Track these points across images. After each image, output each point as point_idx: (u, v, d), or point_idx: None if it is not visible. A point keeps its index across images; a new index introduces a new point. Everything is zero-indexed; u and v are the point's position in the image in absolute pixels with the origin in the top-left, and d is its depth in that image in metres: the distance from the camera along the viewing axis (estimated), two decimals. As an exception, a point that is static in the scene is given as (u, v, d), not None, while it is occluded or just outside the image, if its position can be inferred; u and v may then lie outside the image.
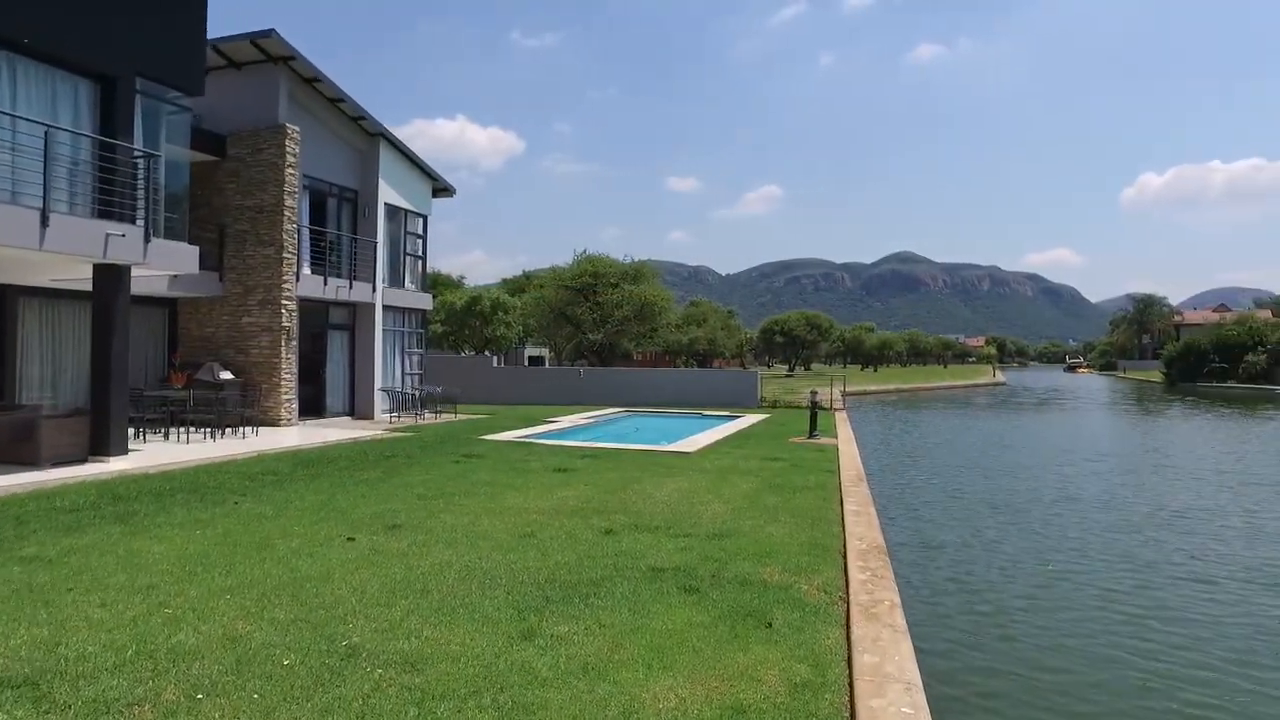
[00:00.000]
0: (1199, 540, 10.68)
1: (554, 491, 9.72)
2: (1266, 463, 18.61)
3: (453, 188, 23.41)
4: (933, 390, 56.25)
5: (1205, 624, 7.58)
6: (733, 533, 7.59)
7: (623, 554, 6.74)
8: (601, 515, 8.36)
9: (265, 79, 16.54)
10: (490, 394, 27.82)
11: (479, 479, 10.55)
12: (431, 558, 6.46)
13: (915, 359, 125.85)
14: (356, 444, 14.23)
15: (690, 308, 76.80)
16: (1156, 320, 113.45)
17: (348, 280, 18.95)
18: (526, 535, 7.37)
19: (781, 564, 6.53)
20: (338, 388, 19.80)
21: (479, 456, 12.81)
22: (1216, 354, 60.08)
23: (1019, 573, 9.11)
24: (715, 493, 9.75)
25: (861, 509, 8.90)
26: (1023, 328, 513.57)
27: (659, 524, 7.95)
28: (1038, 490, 14.24)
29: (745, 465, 12.23)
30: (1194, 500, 13.49)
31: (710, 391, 27.79)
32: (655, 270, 39.83)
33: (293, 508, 8.31)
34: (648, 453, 13.68)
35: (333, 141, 18.96)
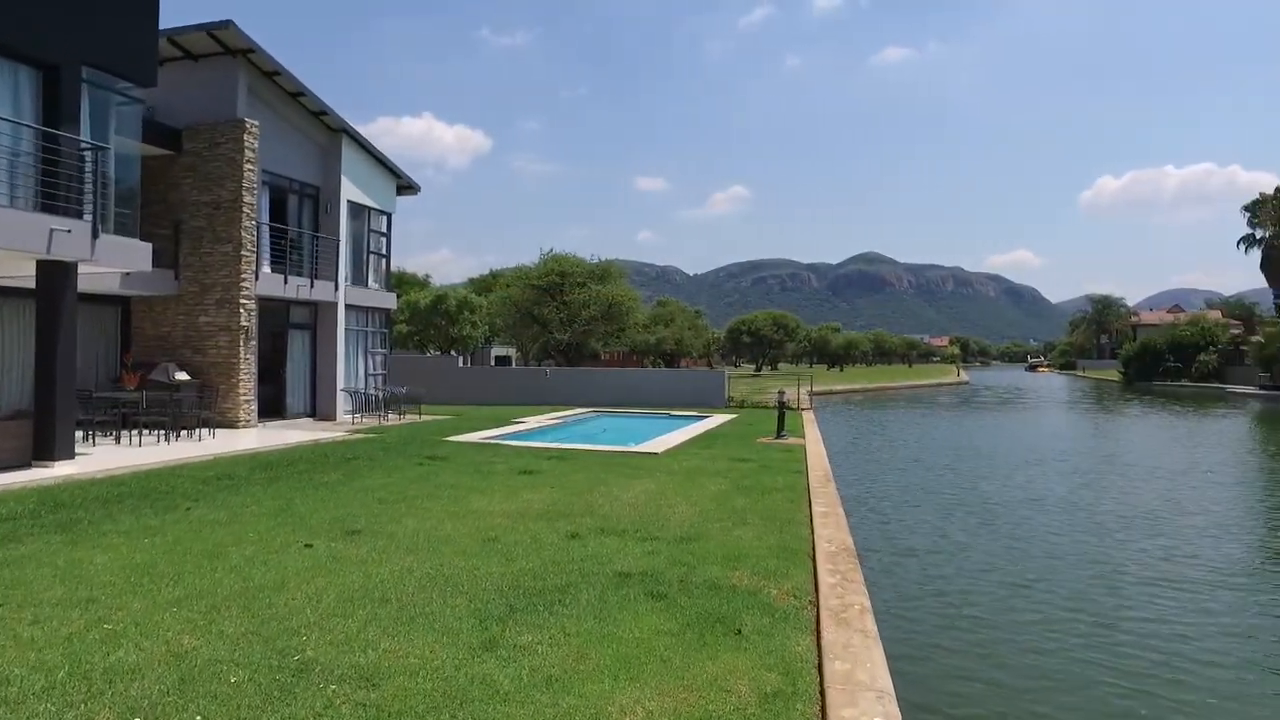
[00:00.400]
0: (1165, 541, 10.80)
1: (519, 494, 9.55)
2: (1226, 461, 18.99)
3: (417, 185, 23.06)
4: (898, 390, 56.81)
5: (1177, 627, 7.63)
6: (701, 536, 7.48)
7: (589, 559, 6.60)
8: (567, 519, 8.21)
9: (223, 72, 16.10)
10: (456, 394, 27.48)
11: (442, 482, 10.33)
12: (392, 564, 6.26)
13: (881, 359, 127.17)
14: (317, 446, 13.90)
15: (658, 308, 76.79)
16: (1114, 321, 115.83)
17: (309, 279, 18.55)
18: (490, 540, 7.19)
19: (750, 568, 6.43)
20: (299, 388, 19.38)
21: (443, 458, 12.57)
22: (1171, 354, 61.46)
23: (989, 574, 9.11)
24: (683, 495, 9.64)
25: (830, 510, 8.85)
26: (985, 328, 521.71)
27: (626, 527, 7.82)
28: (1004, 491, 14.32)
29: (713, 466, 12.14)
30: (1156, 501, 13.66)
31: (678, 391, 27.72)
32: (622, 270, 39.68)
33: (248, 513, 8.03)
34: (615, 454, 13.54)
35: (294, 136, 18.55)
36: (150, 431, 13.99)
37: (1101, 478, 15.55)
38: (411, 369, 27.89)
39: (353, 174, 20.13)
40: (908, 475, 15.93)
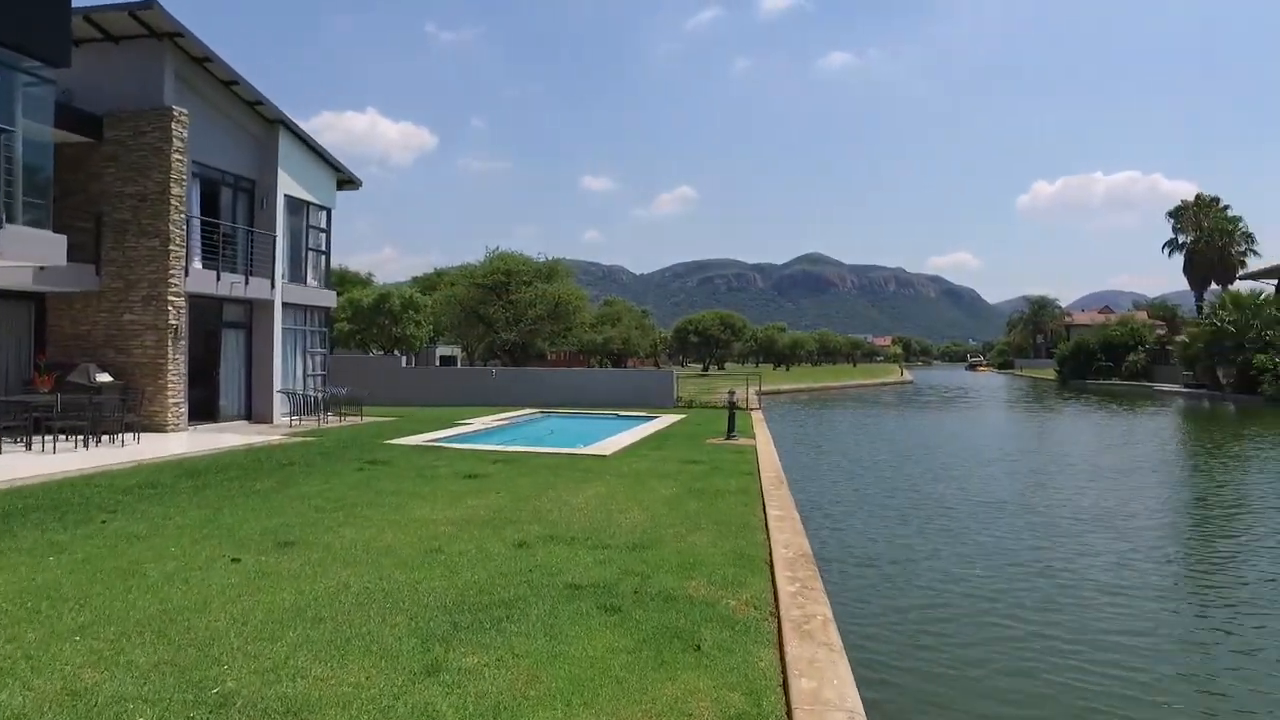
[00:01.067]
0: (1124, 544, 10.87)
1: (464, 500, 9.17)
2: (1159, 459, 19.47)
3: (358, 180, 22.36)
4: (844, 389, 57.48)
5: (1133, 635, 7.62)
6: (654, 543, 7.23)
7: (538, 569, 6.28)
8: (514, 526, 7.88)
9: (148, 56, 15.27)
10: (399, 395, 26.78)
11: (383, 488, 9.88)
12: (327, 579, 5.86)
13: (826, 358, 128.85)
14: (251, 450, 13.27)
15: (605, 307, 76.49)
16: (1049, 321, 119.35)
17: (244, 275, 17.78)
18: (433, 551, 6.82)
19: (707, 576, 6.19)
20: (233, 390, 18.58)
21: (384, 463, 12.08)
22: (1103, 353, 63.44)
23: (949, 577, 8.94)
24: (634, 499, 9.37)
25: (785, 513, 8.67)
26: (926, 328, 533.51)
27: (576, 534, 7.52)
28: (959, 490, 14.29)
29: (664, 468, 11.90)
30: (1110, 502, 13.82)
31: (626, 391, 27.46)
32: (570, 268, 39.25)
33: (171, 525, 7.50)
34: (563, 456, 13.21)
35: (227, 127, 17.75)
36: (66, 437, 13.17)
37: (1052, 478, 15.65)
38: (353, 369, 27.11)
39: (290, 167, 19.38)
40: (860, 477, 15.90)
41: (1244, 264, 57.62)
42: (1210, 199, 61.34)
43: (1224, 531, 11.57)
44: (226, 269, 17.35)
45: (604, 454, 13.38)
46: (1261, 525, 11.75)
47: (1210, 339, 43.03)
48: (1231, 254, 57.58)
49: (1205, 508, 13.48)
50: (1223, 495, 14.38)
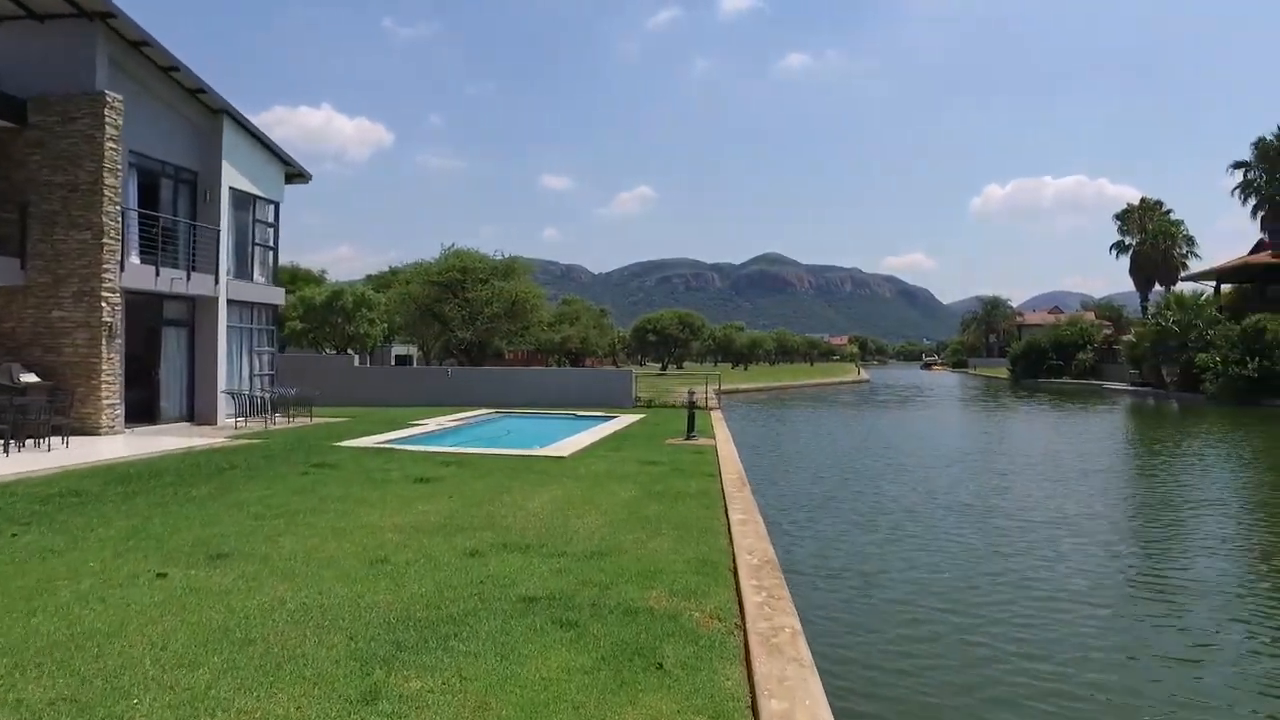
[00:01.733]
0: (1090, 548, 10.82)
1: (414, 506, 8.76)
2: (1120, 458, 19.70)
3: (308, 173, 21.66)
4: (802, 388, 57.76)
5: (1110, 648, 7.50)
6: (613, 550, 6.91)
7: (489, 580, 5.93)
8: (466, 533, 7.50)
9: (78, 37, 14.48)
10: (352, 395, 26.07)
11: (329, 493, 9.42)
12: (261, 595, 5.44)
13: (783, 357, 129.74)
14: (190, 454, 12.65)
15: (563, 306, 75.96)
16: (1001, 321, 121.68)
17: (185, 271, 17.04)
18: (379, 561, 6.43)
19: (668, 586, 5.90)
20: (174, 390, 17.82)
21: (331, 466, 11.58)
22: (1054, 352, 64.73)
23: (918, 585, 8.62)
24: (592, 503, 9.05)
25: (748, 516, 8.42)
26: (882, 327, 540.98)
27: (531, 542, 7.18)
28: (922, 490, 14.15)
29: (623, 470, 11.59)
30: (1073, 506, 13.80)
31: (584, 391, 27.10)
32: (528, 266, 38.70)
33: (93, 537, 6.98)
34: (519, 458, 12.83)
35: (167, 116, 16.99)
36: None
37: (1016, 479, 15.57)
38: (304, 369, 26.35)
39: (236, 159, 18.65)
40: (823, 478, 15.73)
41: (1185, 266, 59.20)
42: (1154, 203, 62.94)
43: (1193, 535, 11.62)
44: (167, 264, 16.61)
45: (561, 455, 13.03)
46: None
47: (1155, 339, 44.07)
48: (1174, 256, 59.13)
49: (1170, 509, 13.57)
50: (1186, 495, 14.52)
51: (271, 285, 20.61)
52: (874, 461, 17.62)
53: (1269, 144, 44.13)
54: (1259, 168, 44.64)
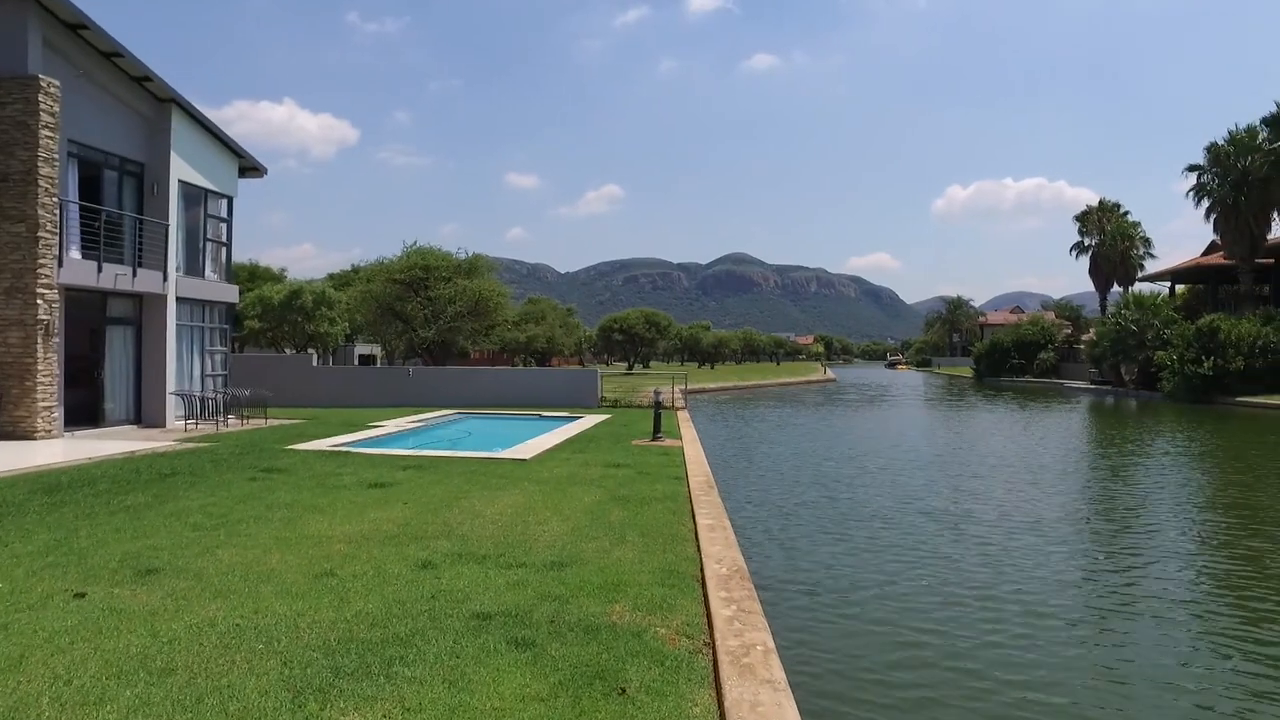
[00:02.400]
0: (1076, 558, 10.64)
1: (366, 513, 8.33)
2: (1079, 461, 19.74)
3: (263, 167, 20.97)
4: (769, 387, 57.79)
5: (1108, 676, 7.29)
6: (574, 560, 6.56)
7: (441, 595, 5.55)
8: (420, 542, 7.11)
9: (7, 18, 13.72)
10: (312, 396, 25.37)
11: (276, 500, 8.94)
12: (190, 615, 5.00)
13: (750, 356, 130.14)
14: (132, 459, 12.04)
15: (528, 305, 75.30)
16: (964, 320, 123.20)
17: (131, 267, 16.34)
18: (324, 574, 6.01)
19: (632, 599, 5.56)
20: (120, 392, 17.09)
21: (282, 471, 11.07)
22: (1016, 351, 65.54)
23: (894, 591, 8.22)
24: (554, 508, 8.68)
25: (716, 522, 8.11)
26: (847, 327, 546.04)
27: (488, 551, 6.80)
28: (896, 495, 13.52)
29: (587, 473, 11.24)
30: (1052, 511, 13.64)
31: (549, 391, 26.66)
32: (491, 264, 38.11)
33: (6, 553, 6.45)
34: (479, 461, 12.41)
35: (109, 104, 16.26)
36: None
37: (989, 483, 15.21)
38: (261, 369, 25.61)
39: (185, 151, 17.95)
40: (792, 481, 15.48)
41: (1142, 266, 60.23)
42: (1112, 204, 63.91)
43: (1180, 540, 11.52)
44: (112, 259, 15.90)
45: (523, 458, 12.63)
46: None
47: (1115, 338, 44.70)
48: (1132, 257, 60.10)
49: (1148, 510, 13.51)
50: (1163, 497, 14.50)
51: (224, 282, 19.91)
52: (845, 464, 17.42)
53: (1221, 148, 44.93)
54: (1212, 171, 45.42)
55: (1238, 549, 9.93)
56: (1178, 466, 17.55)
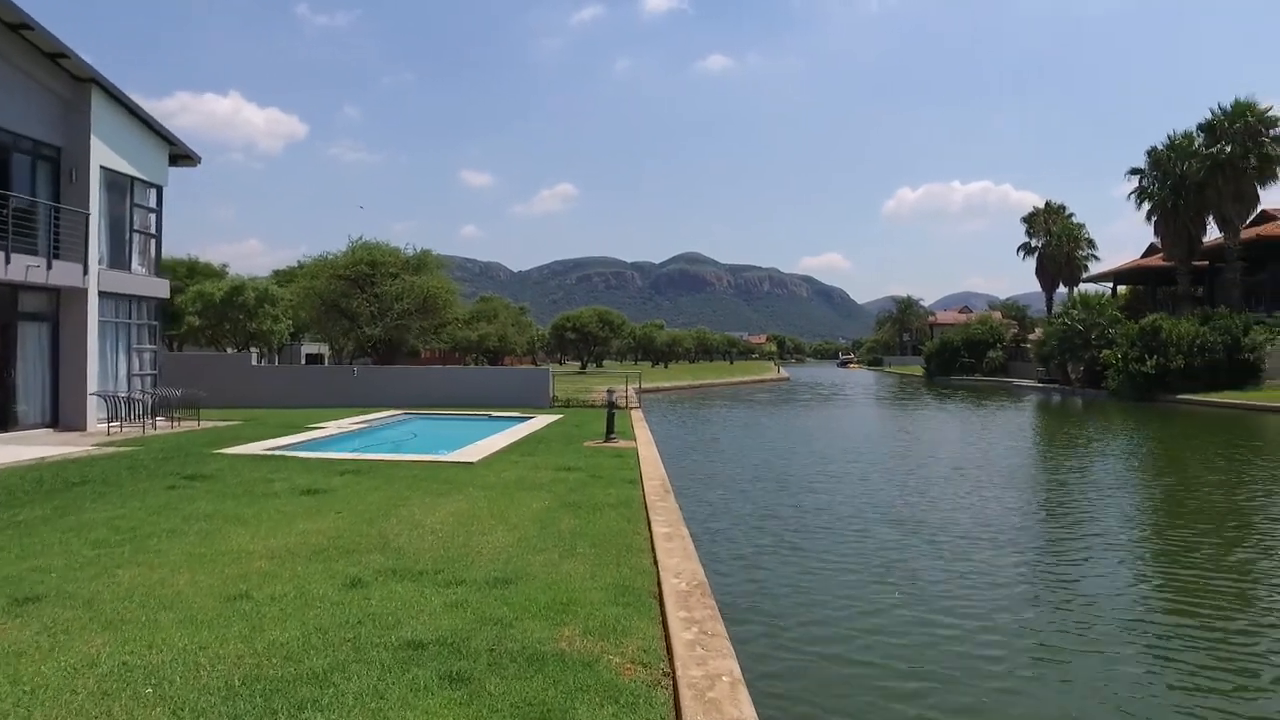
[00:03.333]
0: (1050, 569, 10.34)
1: (294, 523, 7.64)
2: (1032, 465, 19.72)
3: (196, 155, 19.88)
4: (723, 386, 57.62)
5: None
6: (520, 575, 5.99)
7: (370, 619, 4.95)
8: (351, 556, 6.47)
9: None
10: (252, 397, 24.27)
11: (196, 511, 8.19)
12: (68, 654, 4.32)
13: (703, 355, 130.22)
14: (38, 467, 11.10)
15: (480, 304, 74.07)
16: (914, 320, 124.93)
17: (45, 258, 15.24)
18: (238, 597, 5.36)
19: (583, 621, 5.02)
20: (34, 393, 15.97)
21: (207, 478, 10.27)
22: (966, 350, 66.44)
23: (865, 608, 7.65)
24: (500, 516, 8.09)
25: (673, 530, 7.60)
26: (799, 326, 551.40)
27: (425, 566, 6.20)
28: (860, 507, 12.64)
29: (537, 477, 10.65)
30: (1017, 518, 13.37)
31: (500, 390, 25.92)
32: (440, 260, 37.11)
33: None
34: (423, 464, 11.73)
35: (19, 82, 15.14)
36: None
37: (954, 489, 14.51)
38: (198, 368, 24.45)
39: (108, 135, 16.86)
40: (750, 483, 15.02)
41: (1087, 267, 61.50)
42: (1058, 206, 65.19)
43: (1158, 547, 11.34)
44: (22, 250, 14.80)
45: (470, 461, 11.99)
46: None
47: (1063, 337, 45.43)
48: (1077, 257, 61.29)
49: (1114, 518, 13.35)
50: (1130, 502, 14.40)
51: (153, 276, 18.80)
52: (804, 465, 17.05)
53: (1161, 153, 45.98)
54: (1152, 175, 46.47)
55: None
56: (1162, 469, 17.60)
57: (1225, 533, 10.67)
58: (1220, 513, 11.95)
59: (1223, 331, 36.07)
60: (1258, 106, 41.89)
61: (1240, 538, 10.40)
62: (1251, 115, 41.81)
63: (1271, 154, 41.44)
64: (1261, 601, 7.94)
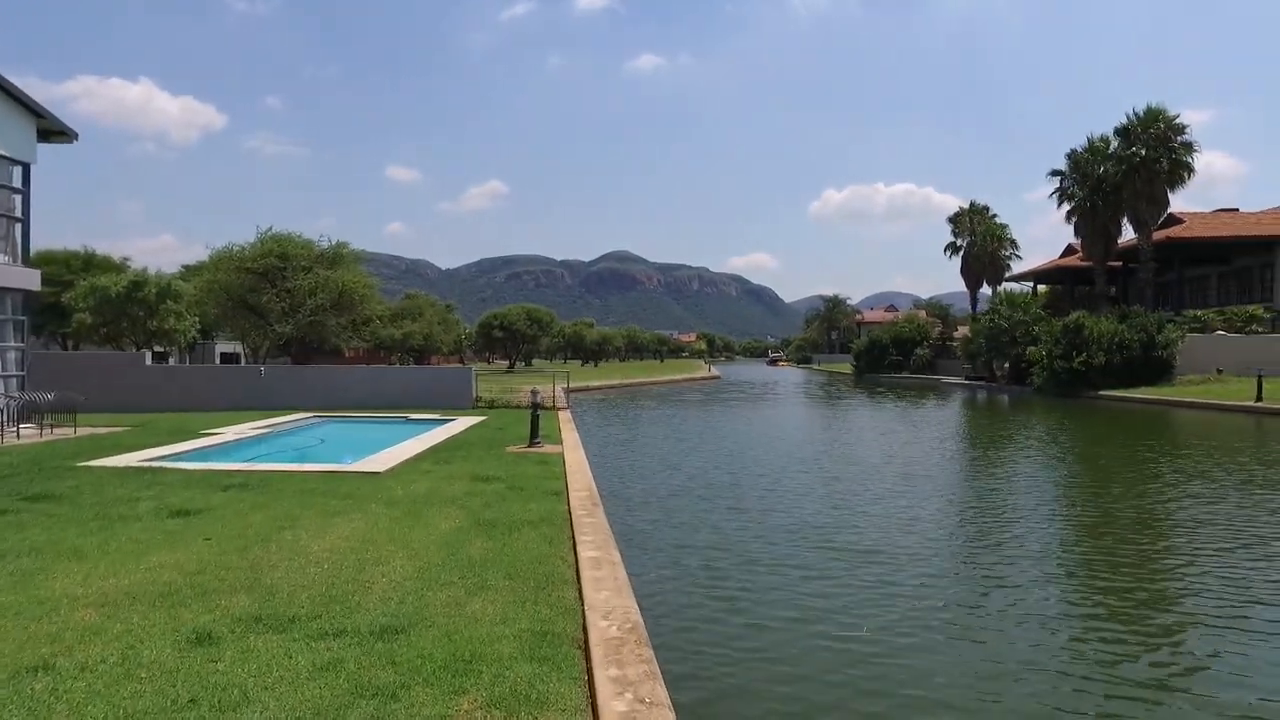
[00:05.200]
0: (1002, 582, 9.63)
1: (148, 555, 6.36)
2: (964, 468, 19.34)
3: (72, 131, 17.93)
4: (654, 385, 56.86)
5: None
6: (416, 620, 4.90)
7: (207, 697, 3.80)
8: (208, 599, 5.28)
9: None
10: (150, 400, 22.27)
11: (23, 542, 6.79)
12: None
13: (634, 354, 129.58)
14: None
15: (405, 301, 71.67)
16: (842, 318, 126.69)
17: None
18: (35, 669, 4.14)
19: (488, 686, 3.97)
20: (-126, 397, 13.96)
21: (54, 498, 8.78)
22: (894, 348, 67.25)
23: (832, 644, 6.33)
24: (401, 540, 6.94)
25: (602, 554, 6.57)
26: (728, 325, 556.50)
27: (300, 610, 5.06)
28: (801, 513, 11.34)
29: (449, 490, 9.49)
30: (969, 528, 12.75)
31: (420, 391, 24.45)
32: (359, 254, 35.20)
33: None
34: (322, 475, 10.44)
35: None
36: None
37: (898, 501, 13.70)
38: (82, 369, 22.37)
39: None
40: (687, 491, 13.99)
41: (1010, 266, 62.94)
42: (982, 206, 66.48)
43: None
44: None
45: (376, 471, 10.74)
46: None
47: (989, 335, 46.08)
48: (1000, 257, 62.61)
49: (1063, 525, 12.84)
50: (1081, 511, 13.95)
51: (20, 266, 16.82)
52: (741, 472, 16.15)
53: (1080, 155, 47.10)
54: (1072, 177, 47.55)
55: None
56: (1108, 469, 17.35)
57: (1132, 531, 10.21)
58: (1141, 511, 11.55)
59: (1139, 329, 36.91)
60: (1168, 113, 43.22)
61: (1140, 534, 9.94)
62: (1163, 121, 43.10)
63: (1181, 159, 42.81)
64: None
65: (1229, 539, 9.61)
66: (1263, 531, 9.96)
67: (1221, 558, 8.79)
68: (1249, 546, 9.25)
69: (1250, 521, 10.53)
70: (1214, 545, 9.33)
